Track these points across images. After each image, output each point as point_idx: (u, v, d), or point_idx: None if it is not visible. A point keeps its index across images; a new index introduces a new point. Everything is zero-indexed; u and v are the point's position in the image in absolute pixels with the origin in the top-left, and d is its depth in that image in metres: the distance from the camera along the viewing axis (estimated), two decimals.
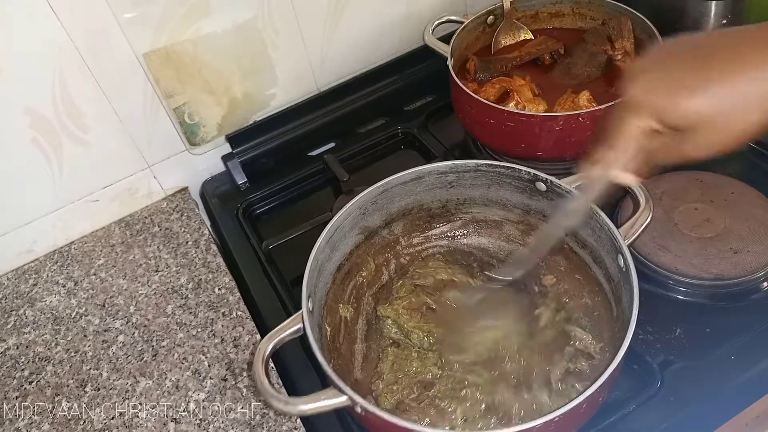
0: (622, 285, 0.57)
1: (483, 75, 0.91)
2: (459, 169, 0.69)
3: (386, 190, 0.69)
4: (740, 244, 0.70)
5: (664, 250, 0.71)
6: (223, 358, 0.74)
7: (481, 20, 0.95)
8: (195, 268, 0.85)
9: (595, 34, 0.92)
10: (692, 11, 0.88)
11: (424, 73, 1.03)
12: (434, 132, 0.99)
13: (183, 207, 0.96)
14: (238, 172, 0.97)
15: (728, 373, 0.63)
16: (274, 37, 0.92)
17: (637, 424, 0.61)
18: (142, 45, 0.83)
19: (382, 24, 1.00)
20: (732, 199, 0.75)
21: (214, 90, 0.92)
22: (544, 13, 0.98)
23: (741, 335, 0.65)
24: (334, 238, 0.66)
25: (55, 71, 0.79)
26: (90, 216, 0.93)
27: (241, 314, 0.78)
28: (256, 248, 0.87)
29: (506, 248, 0.75)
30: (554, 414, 0.48)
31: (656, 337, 0.66)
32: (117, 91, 0.85)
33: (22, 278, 0.90)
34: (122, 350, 0.77)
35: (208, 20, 0.86)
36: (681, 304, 0.69)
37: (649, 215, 0.58)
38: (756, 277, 0.68)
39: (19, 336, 0.82)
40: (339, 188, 0.91)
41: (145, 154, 0.92)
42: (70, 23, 0.77)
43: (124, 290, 0.85)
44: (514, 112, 0.78)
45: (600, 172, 0.52)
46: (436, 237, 0.77)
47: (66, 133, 0.84)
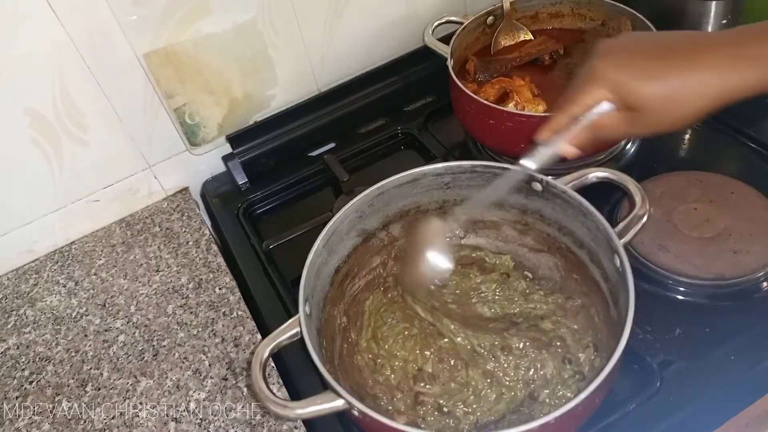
0: (619, 285, 0.57)
1: (483, 75, 0.91)
2: (455, 171, 0.69)
3: (383, 193, 0.69)
4: (740, 244, 0.70)
5: (664, 250, 0.71)
6: (223, 357, 0.74)
7: (481, 21, 0.95)
8: (195, 268, 0.86)
9: (595, 34, 0.92)
10: (692, 11, 0.88)
11: (424, 73, 1.03)
12: (434, 132, 0.99)
13: (184, 207, 0.96)
14: (239, 172, 0.97)
15: (728, 373, 0.63)
16: (274, 37, 0.92)
17: (636, 424, 0.61)
18: (142, 45, 0.83)
19: (382, 24, 1.00)
20: (732, 199, 0.75)
21: (214, 90, 0.92)
22: (544, 13, 0.98)
23: (741, 335, 0.65)
24: (331, 241, 0.66)
25: (55, 71, 0.79)
26: (90, 216, 0.93)
27: (242, 314, 0.78)
28: (257, 248, 0.87)
29: (504, 248, 0.75)
30: (551, 416, 0.47)
31: (656, 337, 0.66)
32: (117, 91, 0.85)
33: (23, 278, 0.90)
34: (123, 350, 0.77)
35: (209, 20, 0.86)
36: (681, 304, 0.69)
37: (645, 215, 0.58)
38: (756, 277, 0.68)
39: (19, 336, 0.82)
40: (339, 188, 0.91)
41: (145, 154, 0.92)
42: (70, 23, 0.77)
43: (124, 290, 0.85)
44: (514, 113, 0.78)
45: (547, 141, 0.57)
46: None
47: (66, 133, 0.84)
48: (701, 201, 0.75)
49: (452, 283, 0.72)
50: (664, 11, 0.89)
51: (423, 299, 0.70)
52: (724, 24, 0.87)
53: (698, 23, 0.88)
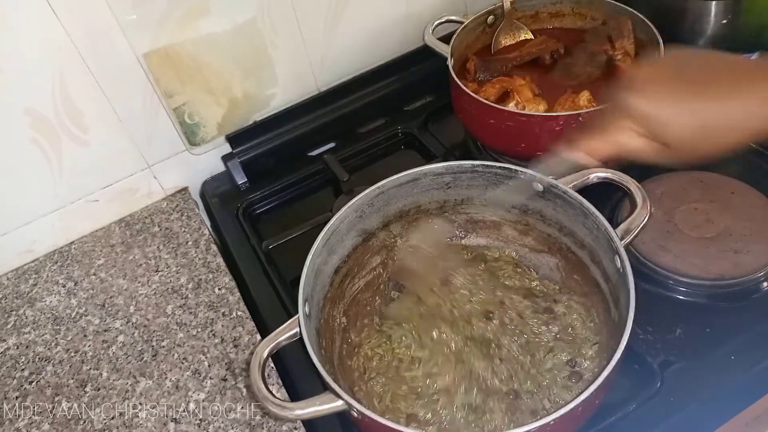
0: (619, 286, 0.57)
1: (483, 75, 0.91)
2: (455, 170, 0.69)
3: (382, 193, 0.69)
4: (740, 244, 0.70)
5: (665, 250, 0.71)
6: (223, 358, 0.74)
7: (481, 20, 0.95)
8: (195, 268, 0.85)
9: (595, 34, 0.92)
10: (692, 11, 0.87)
11: (424, 73, 1.03)
12: (434, 132, 0.99)
13: (183, 207, 0.96)
14: (238, 172, 0.97)
15: (728, 373, 0.63)
16: (274, 37, 0.92)
17: (637, 424, 0.61)
18: (142, 45, 0.83)
19: (382, 24, 1.00)
20: (732, 199, 0.75)
21: (214, 90, 0.92)
22: (544, 13, 0.98)
23: (741, 335, 0.65)
24: (331, 241, 0.66)
25: (55, 71, 0.79)
26: (90, 216, 0.93)
27: (241, 314, 0.78)
28: (256, 248, 0.87)
29: (504, 248, 0.75)
30: (550, 417, 0.47)
31: (656, 337, 0.66)
32: (117, 91, 0.85)
33: (22, 278, 0.90)
34: (122, 350, 0.77)
35: (208, 20, 0.86)
36: (681, 304, 0.69)
37: (646, 215, 0.58)
38: (756, 277, 0.68)
39: (19, 336, 0.82)
40: (339, 188, 0.91)
41: (145, 154, 0.92)
42: (70, 23, 0.77)
43: (124, 290, 0.85)
44: (514, 112, 0.78)
45: (570, 154, 0.56)
46: None
47: (66, 133, 0.84)
48: (702, 201, 0.75)
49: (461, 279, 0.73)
50: (664, 11, 0.89)
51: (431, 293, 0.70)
52: (725, 24, 0.87)
53: (698, 23, 0.88)
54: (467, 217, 0.75)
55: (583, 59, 0.90)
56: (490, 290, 0.70)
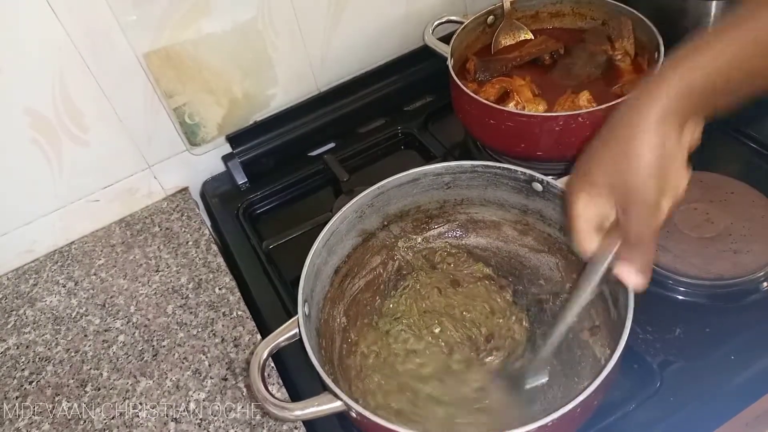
0: (619, 286, 0.57)
1: (483, 75, 0.91)
2: (455, 171, 0.69)
3: (382, 193, 0.69)
4: (740, 244, 0.70)
5: (664, 250, 0.71)
6: (223, 357, 0.74)
7: (481, 20, 0.95)
8: (195, 268, 0.86)
9: (595, 34, 0.92)
10: (692, 11, 0.87)
11: (424, 73, 1.03)
12: (434, 132, 0.99)
13: (183, 207, 0.96)
14: (239, 172, 0.97)
15: (728, 373, 0.63)
16: (274, 37, 0.92)
17: (636, 424, 0.61)
18: (142, 45, 0.83)
19: (382, 24, 1.00)
20: (732, 199, 0.75)
21: (214, 90, 0.92)
22: (544, 13, 0.98)
23: (741, 335, 0.65)
24: (330, 241, 0.66)
25: (55, 71, 0.79)
26: (90, 216, 0.93)
27: (242, 314, 0.78)
28: (257, 248, 0.87)
29: (504, 248, 0.75)
30: (548, 418, 0.47)
31: (656, 337, 0.66)
32: (117, 91, 0.85)
33: (23, 278, 0.90)
34: (122, 350, 0.77)
35: (209, 20, 0.86)
36: (681, 304, 0.69)
37: None
38: (756, 277, 0.68)
39: (19, 336, 0.82)
40: (339, 188, 0.91)
41: (145, 154, 0.92)
42: (70, 23, 0.77)
43: (124, 290, 0.85)
44: (514, 112, 0.78)
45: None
46: (435, 237, 0.77)
47: (66, 133, 0.84)
48: (701, 201, 0.75)
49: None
50: (664, 11, 0.89)
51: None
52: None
53: (698, 23, 0.88)
54: (467, 217, 0.75)
55: (583, 59, 0.90)
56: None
